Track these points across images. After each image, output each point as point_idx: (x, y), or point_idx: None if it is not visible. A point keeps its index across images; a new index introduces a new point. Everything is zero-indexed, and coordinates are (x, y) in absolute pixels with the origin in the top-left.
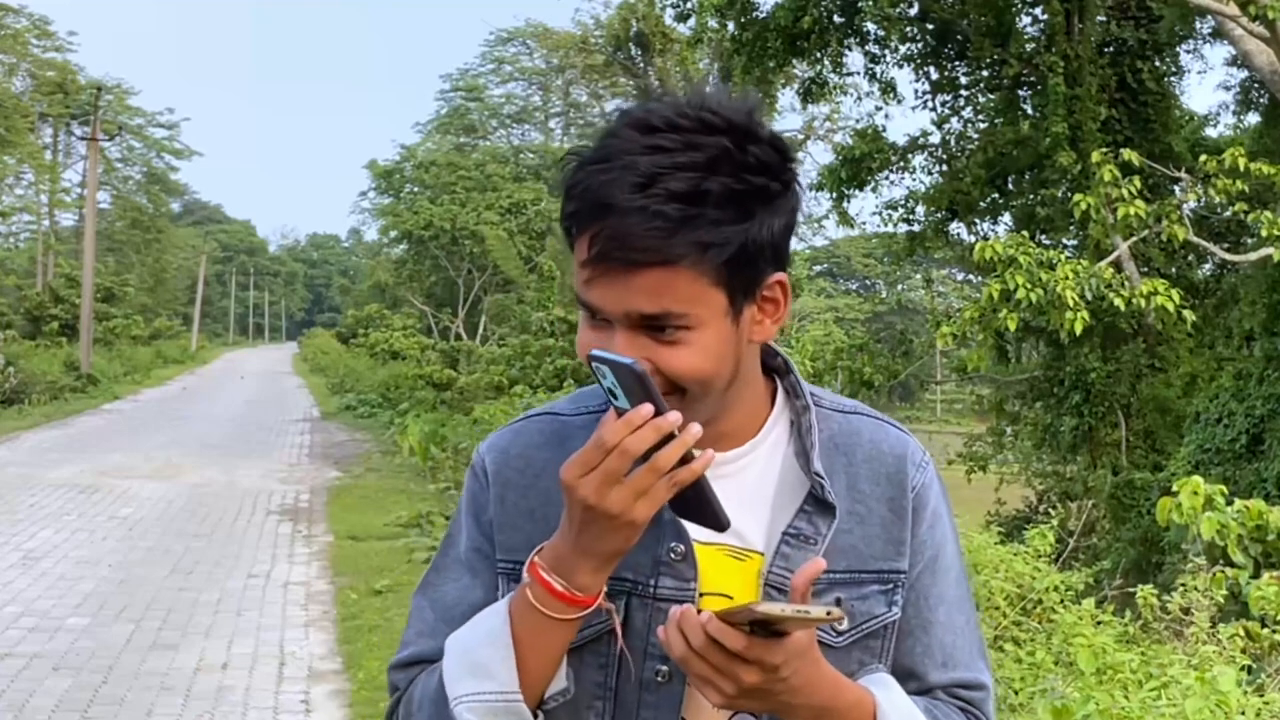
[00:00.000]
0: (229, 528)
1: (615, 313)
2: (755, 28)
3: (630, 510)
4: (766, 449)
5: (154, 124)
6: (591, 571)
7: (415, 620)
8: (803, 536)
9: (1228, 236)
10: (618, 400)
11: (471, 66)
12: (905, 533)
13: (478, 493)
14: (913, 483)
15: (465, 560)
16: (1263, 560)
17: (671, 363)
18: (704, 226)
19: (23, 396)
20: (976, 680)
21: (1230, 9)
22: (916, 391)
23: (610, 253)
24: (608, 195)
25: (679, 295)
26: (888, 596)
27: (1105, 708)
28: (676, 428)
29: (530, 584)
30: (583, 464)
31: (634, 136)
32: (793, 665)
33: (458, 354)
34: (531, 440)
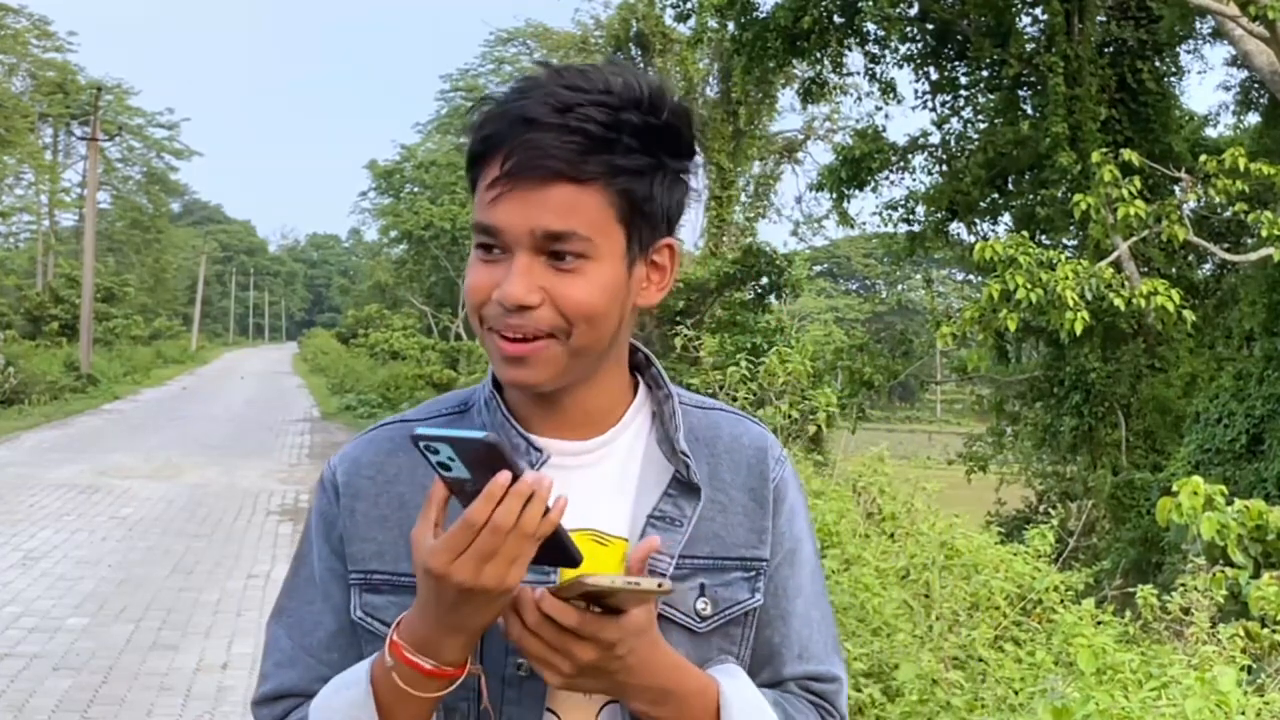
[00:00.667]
0: (229, 528)
1: (520, 231)
2: (755, 28)
3: (505, 580)
4: (629, 437)
5: (154, 124)
6: (461, 648)
7: (272, 650)
8: (668, 519)
9: (1228, 236)
10: (451, 472)
11: (471, 66)
12: (766, 521)
13: (325, 508)
14: (773, 475)
15: (318, 581)
16: (1263, 560)
17: (568, 291)
18: (619, 151)
19: (23, 396)
20: (830, 673)
21: (1230, 9)
22: (916, 391)
23: (525, 165)
24: (528, 112)
25: (586, 218)
26: (750, 583)
27: (1105, 708)
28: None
29: (395, 665)
30: (451, 549)
31: (551, 77)
32: (629, 643)
33: (458, 354)
34: (382, 448)
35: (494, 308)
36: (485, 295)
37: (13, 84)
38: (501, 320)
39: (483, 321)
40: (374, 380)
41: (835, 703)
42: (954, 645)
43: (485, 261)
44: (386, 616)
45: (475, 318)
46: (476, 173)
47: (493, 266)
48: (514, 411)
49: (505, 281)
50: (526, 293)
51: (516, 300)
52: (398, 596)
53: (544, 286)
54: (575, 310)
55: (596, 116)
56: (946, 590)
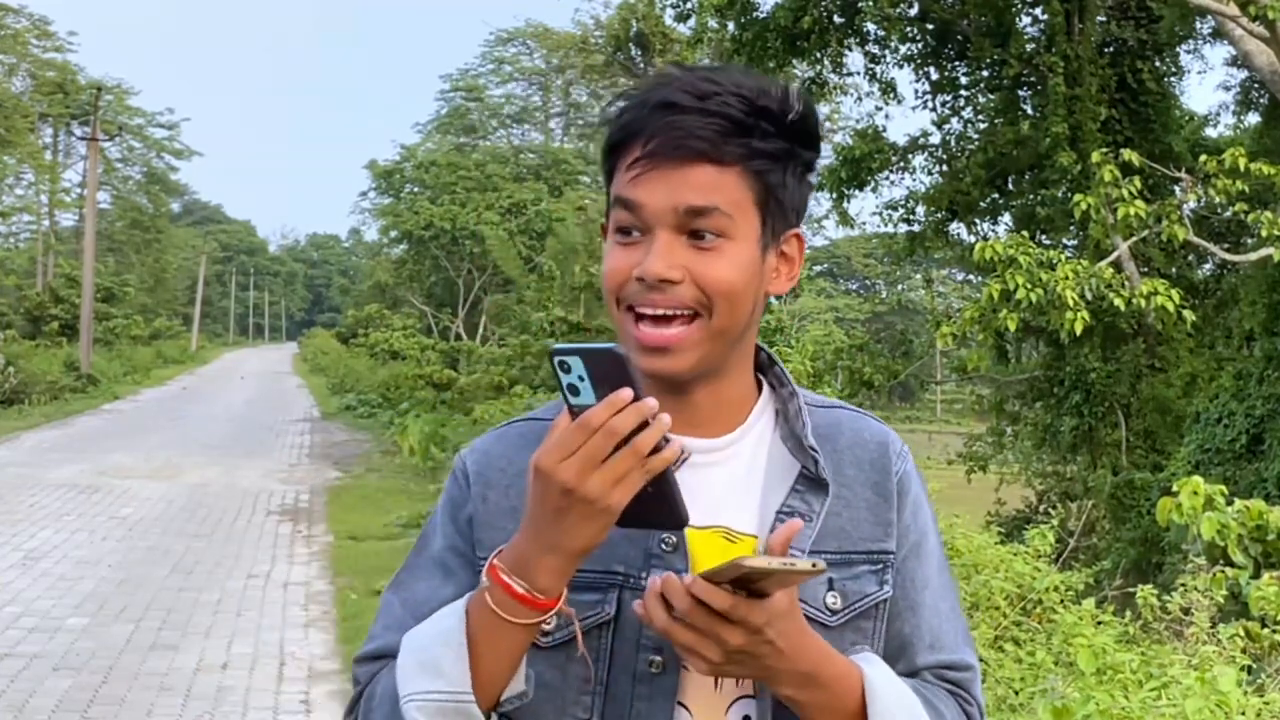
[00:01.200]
0: (229, 528)
1: (662, 207)
2: (755, 28)
3: (607, 495)
4: (755, 435)
5: (154, 124)
6: (554, 571)
7: (383, 614)
8: (797, 514)
9: (1228, 236)
10: (579, 397)
11: (471, 66)
12: (891, 514)
13: (456, 494)
14: (895, 469)
15: (439, 559)
16: (1263, 560)
17: (709, 270)
18: (757, 136)
19: (23, 396)
20: (964, 661)
21: (1230, 9)
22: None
23: (667, 144)
24: (668, 98)
25: (726, 196)
26: (878, 576)
27: (1105, 708)
28: (652, 415)
29: (489, 586)
30: (562, 447)
31: (685, 72)
32: (777, 626)
33: (458, 354)
34: (513, 443)
35: (633, 285)
36: (625, 275)
37: (13, 84)
38: (642, 296)
39: (620, 302)
40: (374, 380)
41: (971, 690)
42: None
43: (623, 245)
44: None
45: (613, 300)
46: (614, 161)
47: (631, 248)
48: None
49: (646, 258)
50: (668, 268)
51: (659, 274)
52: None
53: (685, 264)
54: (716, 287)
55: (734, 104)
56: None
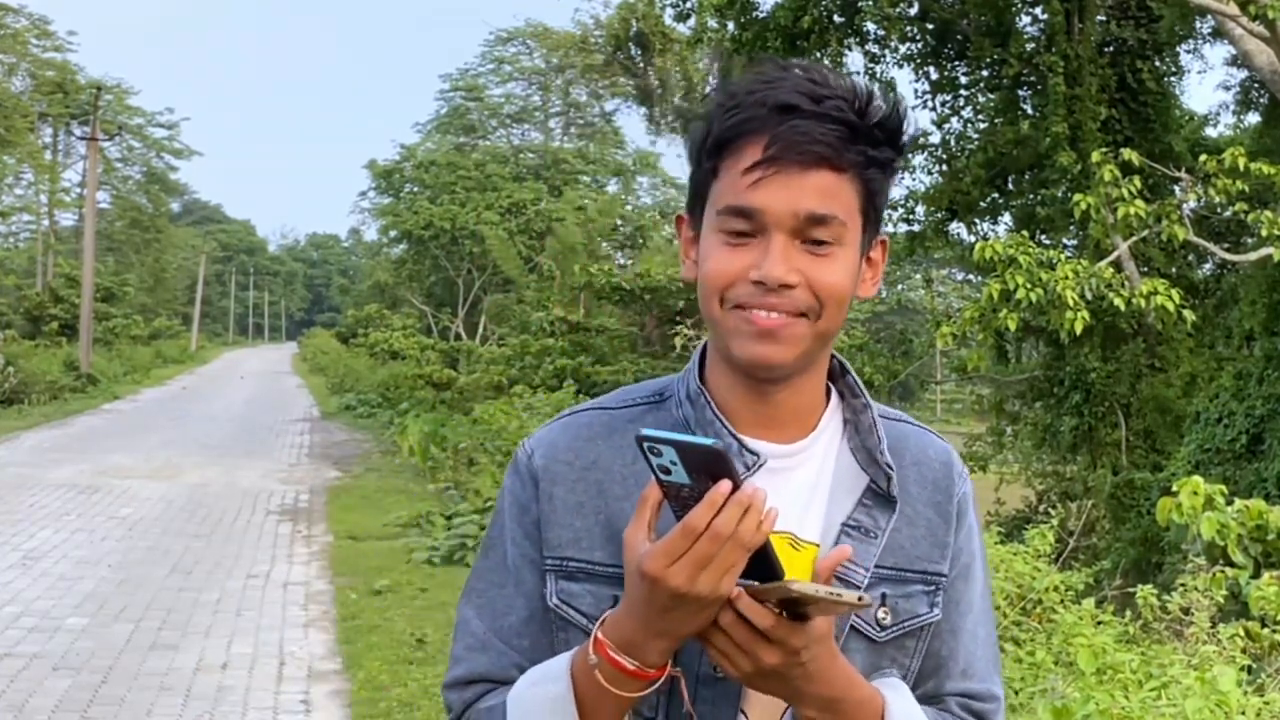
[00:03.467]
0: (229, 528)
1: (783, 212)
2: (755, 28)
3: (718, 589)
4: (823, 444)
5: (154, 124)
6: (665, 651)
7: (462, 634)
8: (863, 529)
9: (1228, 236)
10: (671, 476)
11: (471, 66)
12: (949, 536)
13: (519, 491)
14: (957, 490)
15: (511, 566)
16: (1263, 560)
17: (823, 275)
18: (869, 143)
19: (23, 396)
20: (990, 692)
21: (1230, 9)
22: (916, 391)
23: (791, 149)
24: (789, 99)
25: (843, 203)
26: (930, 597)
27: (1105, 708)
28: (754, 499)
29: (599, 663)
30: (669, 554)
31: (789, 72)
32: (813, 651)
33: (457, 354)
34: (580, 434)
35: (746, 287)
36: (735, 276)
37: (13, 84)
38: (758, 298)
39: (725, 303)
40: (374, 380)
41: None
42: None
43: (732, 245)
44: (581, 604)
45: (716, 300)
46: (720, 159)
47: (741, 250)
48: (721, 407)
49: (765, 261)
50: (788, 272)
51: (780, 279)
52: (593, 585)
53: (800, 269)
54: (829, 292)
55: (847, 109)
56: None
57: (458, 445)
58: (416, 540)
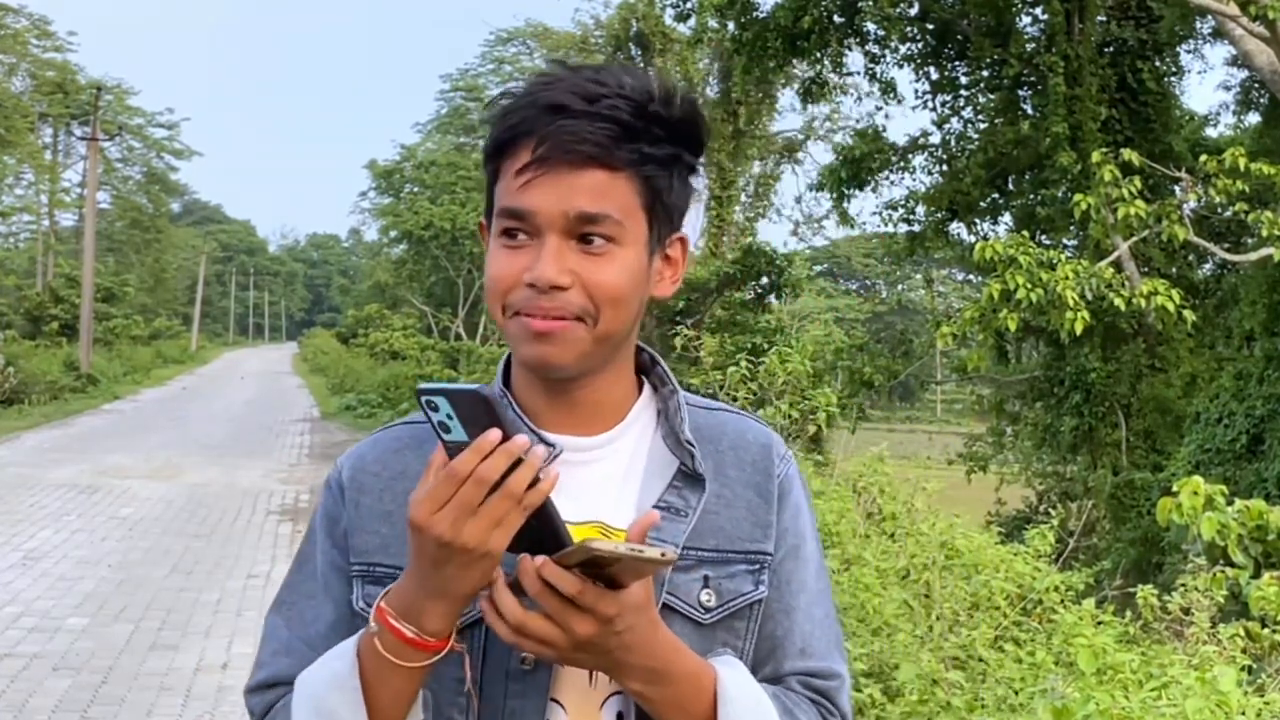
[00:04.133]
0: (229, 528)
1: (553, 213)
2: (755, 28)
3: (487, 542)
4: (635, 433)
5: (154, 124)
6: (443, 615)
7: (270, 640)
8: (673, 509)
9: (1228, 236)
10: (450, 434)
11: (471, 66)
12: (770, 515)
13: (330, 505)
14: (777, 471)
15: (320, 576)
16: (1263, 560)
17: (597, 275)
18: (646, 141)
19: (23, 396)
20: (831, 670)
21: (1230, 9)
22: (916, 391)
23: (558, 149)
24: (560, 100)
25: (617, 202)
26: (754, 576)
27: (1105, 708)
28: (524, 451)
29: (379, 631)
30: (434, 499)
31: (572, 72)
32: (628, 619)
33: (458, 354)
34: (388, 447)
35: (522, 292)
36: (512, 281)
37: (13, 84)
38: (532, 303)
39: (506, 310)
40: (374, 380)
41: (836, 700)
42: (954, 645)
43: (509, 248)
44: None
45: (498, 306)
46: (499, 162)
47: (517, 253)
48: (524, 407)
49: (537, 264)
50: (559, 274)
51: (550, 281)
52: None
53: (574, 269)
54: (604, 293)
55: (624, 107)
56: (947, 590)
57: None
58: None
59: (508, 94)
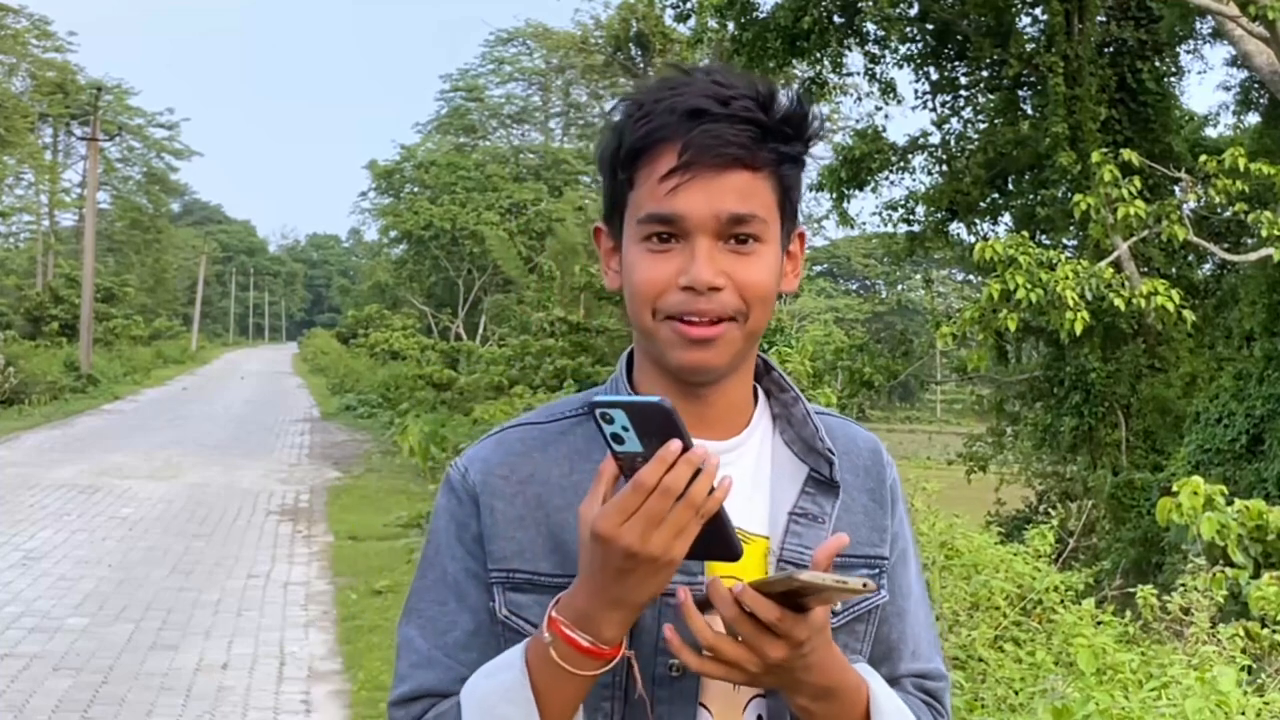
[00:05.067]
0: (229, 528)
1: (704, 215)
2: (755, 28)
3: (671, 550)
4: (757, 439)
5: (154, 124)
6: (620, 624)
7: (406, 652)
8: (810, 515)
9: (1228, 236)
10: (623, 446)
11: (471, 67)
12: (886, 520)
13: (456, 509)
14: (889, 476)
15: (451, 583)
16: (1263, 560)
17: (748, 274)
18: (781, 140)
19: (23, 397)
20: (939, 671)
21: (1230, 9)
22: (916, 391)
23: (706, 153)
24: (698, 104)
25: (761, 201)
26: (875, 581)
27: (1105, 708)
28: (703, 460)
29: (553, 641)
30: (621, 510)
31: (697, 76)
32: (814, 642)
33: (458, 354)
34: (513, 449)
35: (676, 295)
36: (664, 285)
37: (13, 84)
38: (688, 305)
39: (657, 314)
40: (374, 380)
41: (943, 700)
42: (954, 645)
43: (656, 253)
44: (530, 615)
45: (648, 310)
46: (635, 167)
47: (666, 257)
48: None
49: (692, 266)
50: (715, 275)
51: (708, 282)
52: (540, 595)
53: (726, 270)
54: (754, 292)
55: (756, 109)
56: (946, 590)
57: (458, 446)
58: (417, 540)
59: (636, 100)
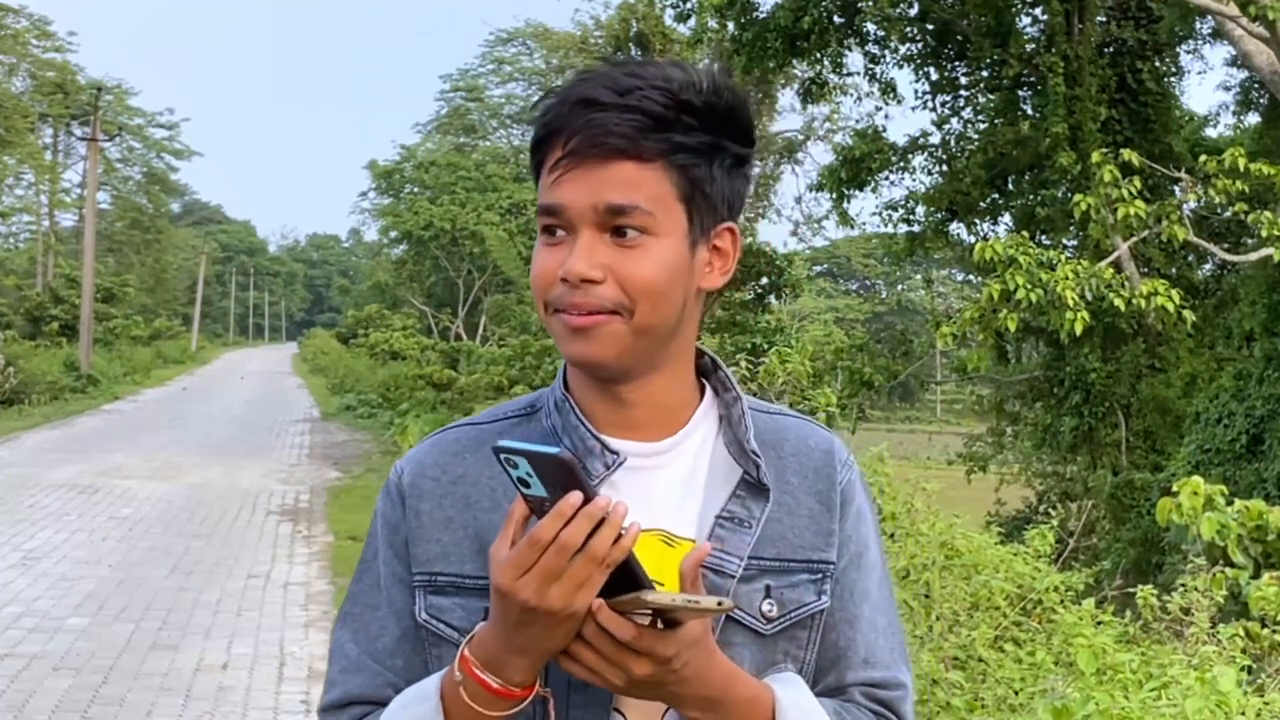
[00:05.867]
0: (229, 528)
1: (583, 206)
2: (755, 28)
3: (571, 604)
4: (697, 439)
5: (154, 124)
6: (528, 669)
7: (338, 657)
8: (736, 519)
9: (1228, 236)
10: (530, 489)
11: (471, 67)
12: (833, 524)
13: (389, 512)
14: (840, 478)
15: (383, 587)
16: (1263, 560)
17: (631, 268)
18: (678, 130)
19: (23, 397)
20: (895, 679)
21: (1230, 9)
22: (916, 391)
23: (586, 143)
24: (589, 94)
25: (648, 193)
26: (817, 586)
27: (1105, 708)
28: (606, 511)
29: (464, 680)
30: (517, 565)
31: (611, 67)
32: (684, 656)
33: (457, 354)
34: (447, 449)
35: (559, 288)
36: (551, 278)
37: (13, 84)
38: (566, 298)
39: (548, 307)
40: (374, 380)
41: (899, 710)
42: (954, 645)
43: (549, 245)
44: (451, 618)
45: (541, 304)
46: (539, 158)
47: (556, 249)
48: (584, 410)
49: (569, 258)
50: (590, 267)
51: (580, 274)
52: (462, 598)
53: (607, 264)
54: (637, 286)
55: (656, 98)
56: (946, 590)
57: None
58: None
59: (550, 91)
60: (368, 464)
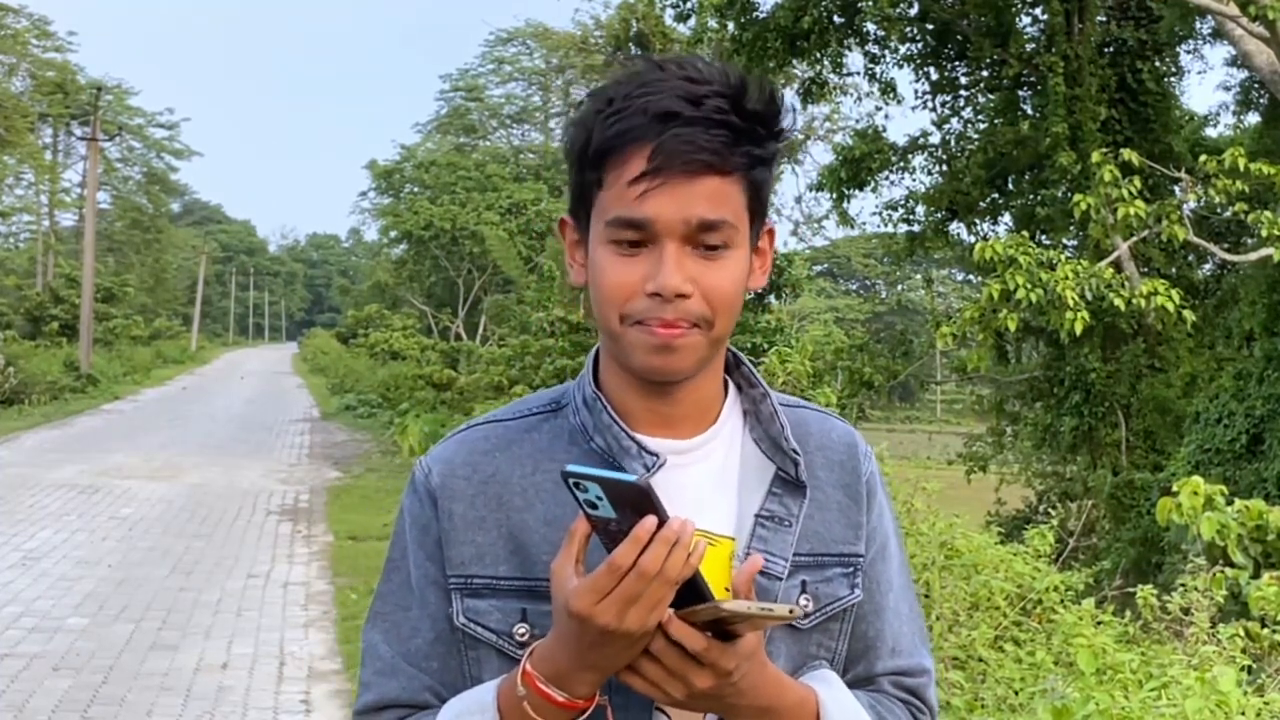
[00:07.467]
0: (229, 528)
1: (674, 221)
2: (755, 28)
3: (646, 624)
4: (726, 434)
5: (154, 124)
6: (594, 682)
7: (370, 659)
8: (776, 518)
9: (1228, 236)
10: (598, 510)
11: (471, 66)
12: (861, 517)
13: (418, 512)
14: (864, 470)
15: (414, 588)
16: (1263, 560)
17: (715, 281)
18: (754, 143)
19: (23, 397)
20: (920, 666)
21: (1230, 9)
22: (916, 391)
23: (676, 158)
24: (669, 106)
25: (732, 207)
26: (849, 579)
27: (1105, 708)
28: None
29: (527, 694)
30: (596, 591)
31: (659, 72)
32: (743, 669)
33: (457, 354)
34: (476, 447)
35: (643, 301)
36: (632, 290)
37: (13, 84)
38: (655, 311)
39: (624, 318)
40: (374, 380)
41: (925, 696)
42: (954, 645)
43: (625, 257)
44: (489, 621)
45: (615, 315)
46: (604, 168)
47: (633, 261)
48: (618, 409)
49: (660, 272)
50: (683, 282)
51: (675, 289)
52: (499, 600)
53: (693, 276)
54: (721, 298)
55: (730, 109)
56: (946, 590)
57: None
58: None
59: (605, 96)
60: (367, 464)
